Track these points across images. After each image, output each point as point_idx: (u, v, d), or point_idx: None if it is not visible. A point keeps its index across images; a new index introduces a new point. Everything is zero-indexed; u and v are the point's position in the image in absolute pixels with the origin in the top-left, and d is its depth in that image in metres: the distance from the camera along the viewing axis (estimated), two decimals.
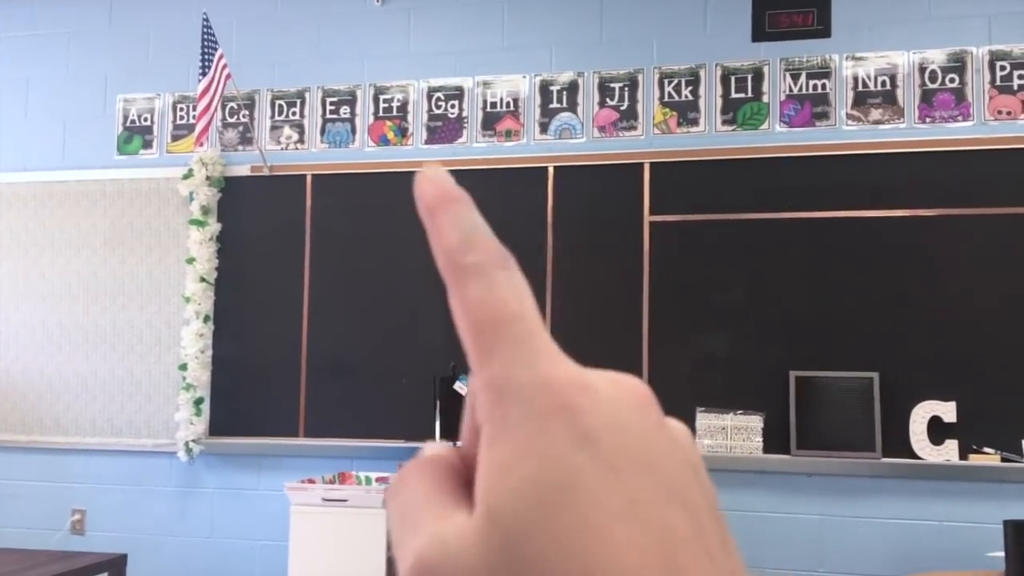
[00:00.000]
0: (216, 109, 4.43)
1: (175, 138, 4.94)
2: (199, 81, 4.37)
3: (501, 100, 4.61)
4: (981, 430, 3.94)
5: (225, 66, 4.45)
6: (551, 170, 4.48)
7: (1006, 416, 3.93)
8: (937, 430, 3.96)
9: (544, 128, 4.55)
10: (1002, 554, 2.30)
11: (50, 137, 5.08)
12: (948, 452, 3.94)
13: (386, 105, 4.73)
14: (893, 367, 4.03)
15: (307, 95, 4.82)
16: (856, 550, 4.04)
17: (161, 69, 4.99)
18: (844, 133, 4.24)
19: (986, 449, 3.92)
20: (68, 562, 3.69)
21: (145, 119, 4.99)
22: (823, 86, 4.28)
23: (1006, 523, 2.27)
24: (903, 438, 3.98)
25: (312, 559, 3.90)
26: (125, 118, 5.01)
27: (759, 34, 4.36)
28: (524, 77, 4.59)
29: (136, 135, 4.99)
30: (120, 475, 4.81)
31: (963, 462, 3.92)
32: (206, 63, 4.37)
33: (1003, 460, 3.89)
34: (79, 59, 5.10)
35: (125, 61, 5.04)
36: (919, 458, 3.95)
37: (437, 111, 4.67)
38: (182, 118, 4.95)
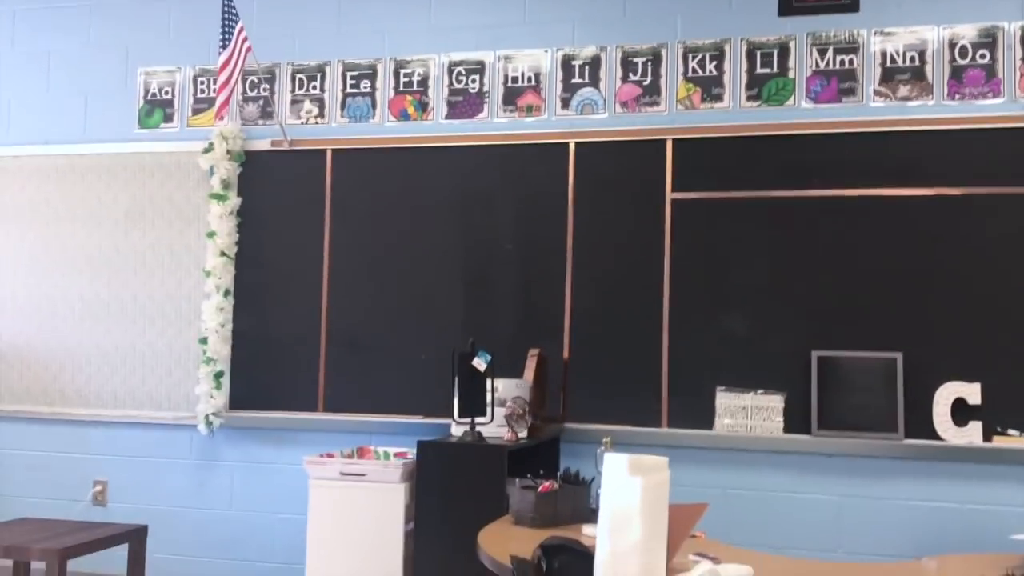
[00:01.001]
0: (236, 83, 4.41)
1: (196, 112, 4.94)
2: (219, 54, 4.35)
3: (522, 75, 4.56)
4: (1006, 412, 3.89)
5: (245, 39, 4.43)
6: (572, 146, 4.44)
7: None
8: (961, 412, 3.91)
9: (566, 103, 4.51)
10: None
11: (72, 110, 5.09)
12: (972, 434, 3.89)
13: (406, 79, 4.70)
14: (917, 348, 3.98)
15: (327, 69, 4.80)
16: (876, 532, 4.01)
17: (182, 42, 4.98)
18: (871, 110, 4.17)
19: (1011, 431, 3.87)
20: (89, 532, 3.73)
21: (166, 92, 4.98)
22: (850, 62, 4.21)
23: None
24: (926, 419, 3.93)
25: (330, 533, 3.91)
26: (146, 91, 5.01)
27: (785, 8, 4.29)
28: (546, 52, 4.55)
29: (157, 108, 4.99)
30: (141, 447, 4.85)
31: (987, 444, 3.87)
32: (226, 36, 4.35)
33: None
34: (100, 32, 5.10)
35: (146, 34, 5.03)
36: (942, 440, 3.91)
37: (458, 86, 4.63)
38: (203, 92, 4.94)
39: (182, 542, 4.75)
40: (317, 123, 4.79)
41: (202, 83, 4.94)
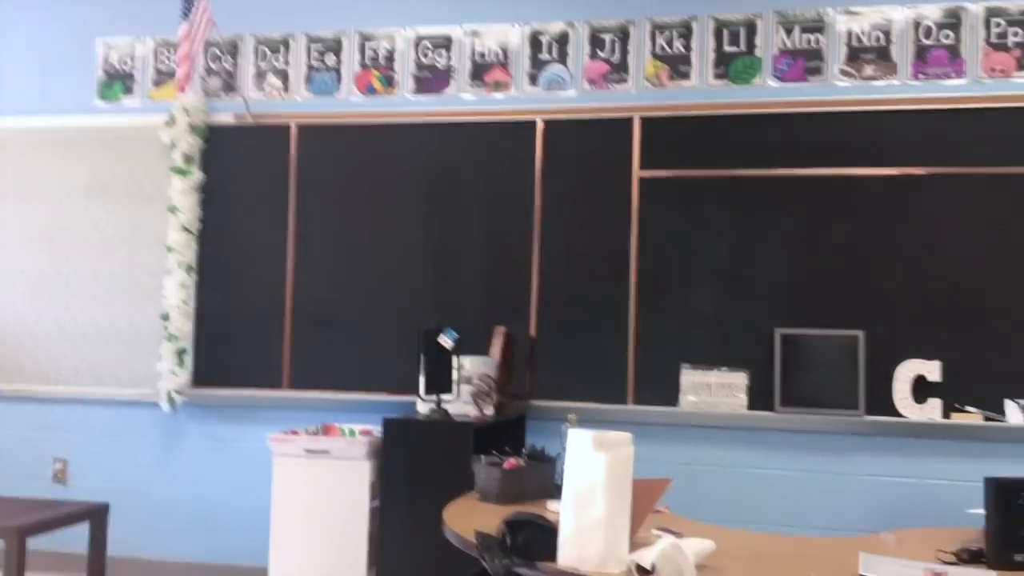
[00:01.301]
0: (198, 55, 4.34)
1: (157, 84, 4.85)
2: (180, 25, 4.27)
3: (490, 50, 4.53)
4: (965, 390, 3.95)
5: (207, 10, 4.35)
6: (540, 123, 4.42)
7: (990, 376, 3.93)
8: (921, 389, 3.97)
9: (534, 80, 4.48)
10: (982, 511, 2.30)
11: (29, 82, 4.98)
12: (931, 411, 3.95)
13: (372, 54, 4.65)
14: (879, 326, 4.03)
15: (291, 42, 4.73)
16: (838, 506, 4.07)
17: (143, 13, 4.88)
18: (837, 89, 4.19)
19: (969, 408, 3.94)
20: (49, 510, 3.68)
21: (126, 64, 4.89)
22: (817, 41, 4.22)
23: (987, 480, 2.27)
24: (887, 396, 3.99)
25: (295, 510, 3.90)
26: (106, 63, 4.91)
27: None
28: (514, 27, 4.51)
29: (117, 80, 4.89)
30: (102, 425, 4.79)
31: (946, 421, 3.94)
32: (188, 7, 4.27)
33: (986, 419, 3.91)
34: (58, 2, 4.98)
35: (106, 4, 4.93)
36: (902, 417, 3.96)
37: (424, 61, 4.59)
38: (164, 64, 4.85)
39: (145, 520, 4.70)
40: (281, 97, 4.72)
41: (163, 55, 4.85)
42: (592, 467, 2.10)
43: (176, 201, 4.65)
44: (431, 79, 4.58)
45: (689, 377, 4.17)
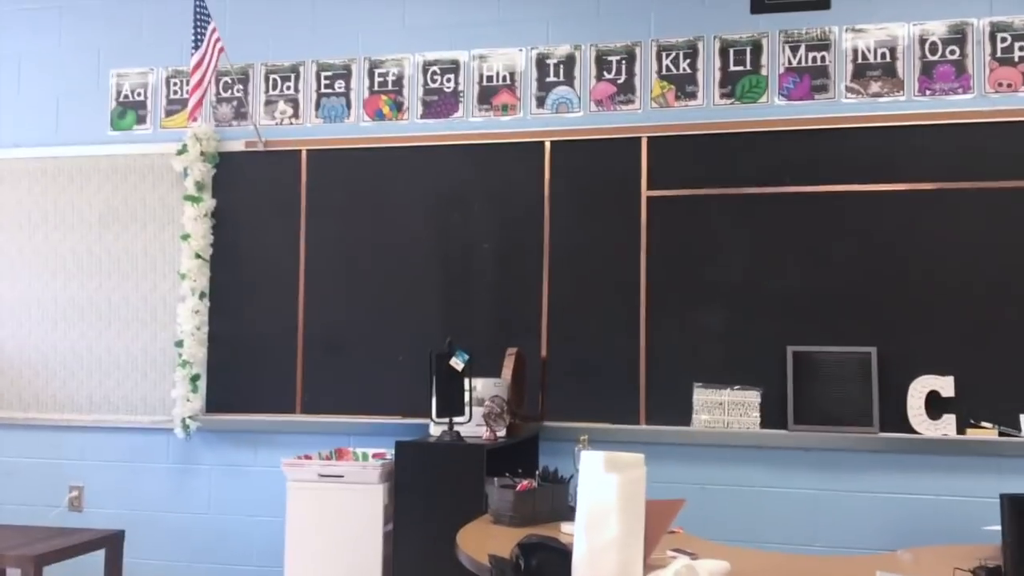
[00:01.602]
0: (210, 83, 4.39)
1: (169, 113, 4.90)
2: (192, 55, 4.32)
3: (497, 74, 4.56)
4: (979, 405, 3.93)
5: (218, 40, 4.40)
6: (548, 144, 4.44)
7: (1004, 391, 3.92)
8: (935, 405, 3.95)
9: (541, 102, 4.51)
10: (998, 528, 2.29)
11: (43, 113, 5.04)
12: (946, 427, 3.93)
13: (381, 79, 4.69)
14: (891, 342, 4.02)
15: (301, 69, 4.78)
16: (852, 525, 4.04)
17: (154, 43, 4.94)
18: (843, 106, 4.20)
19: (984, 424, 3.92)
20: (66, 538, 3.70)
21: (139, 94, 4.95)
22: (822, 58, 4.24)
23: (1003, 496, 2.25)
24: (901, 413, 3.97)
25: (309, 535, 3.90)
26: (119, 93, 4.97)
27: (758, 6, 4.31)
28: (520, 51, 4.55)
29: (130, 110, 4.95)
30: (117, 452, 4.81)
31: (960, 436, 3.92)
32: (199, 37, 4.33)
33: (1001, 435, 3.88)
34: (71, 33, 5.05)
35: (118, 35, 4.99)
36: (917, 433, 3.94)
37: (433, 85, 4.63)
38: (176, 93, 4.90)
39: (159, 547, 4.71)
40: (291, 124, 4.77)
41: (175, 84, 4.91)
42: (604, 488, 2.10)
43: (188, 228, 4.69)
44: (439, 103, 4.61)
45: (701, 396, 4.16)
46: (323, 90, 4.75)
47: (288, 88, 4.78)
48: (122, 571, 3.88)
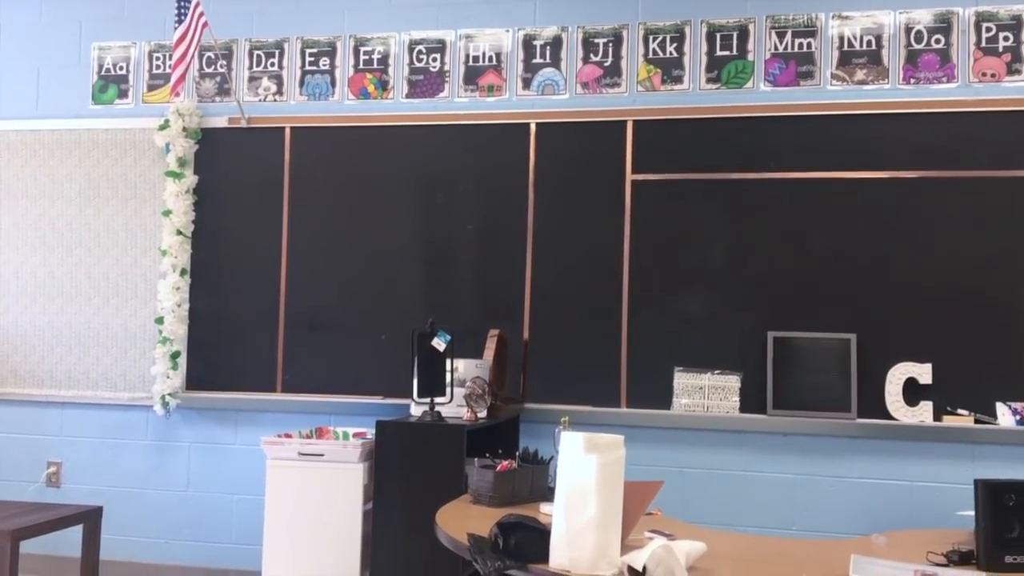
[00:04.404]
0: (192, 58, 4.34)
1: (151, 88, 4.85)
2: (175, 29, 4.28)
3: (483, 54, 4.54)
4: (956, 392, 3.97)
5: (202, 14, 4.36)
6: (533, 126, 4.43)
7: (981, 379, 3.95)
8: (913, 392, 3.99)
9: (527, 83, 4.50)
10: (972, 513, 2.32)
11: (24, 85, 4.98)
12: (923, 414, 3.97)
13: (367, 57, 4.66)
14: (871, 329, 4.05)
15: (286, 46, 4.74)
16: (829, 509, 4.08)
17: (137, 17, 4.89)
18: (828, 93, 4.21)
19: (960, 411, 3.95)
20: (43, 513, 3.68)
21: (121, 68, 4.89)
22: (808, 45, 4.24)
23: (977, 482, 2.28)
24: (879, 399, 4.00)
25: (288, 513, 3.90)
26: (100, 67, 4.92)
27: None
28: (507, 31, 4.53)
29: (111, 84, 4.90)
30: (96, 428, 4.79)
31: (937, 423, 3.95)
32: (182, 11, 4.28)
33: (977, 422, 3.93)
34: (53, 5, 4.99)
35: (100, 8, 4.93)
36: (894, 419, 3.98)
37: (418, 64, 4.60)
38: (158, 68, 4.86)
39: (138, 523, 4.70)
40: (275, 100, 4.73)
41: (157, 59, 4.86)
42: (584, 469, 2.11)
43: (170, 204, 4.66)
44: (425, 83, 4.59)
45: (682, 380, 4.18)
46: (307, 67, 4.71)
47: (272, 65, 4.74)
48: (100, 547, 3.87)
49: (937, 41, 4.13)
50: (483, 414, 3.80)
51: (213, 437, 4.67)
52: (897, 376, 3.99)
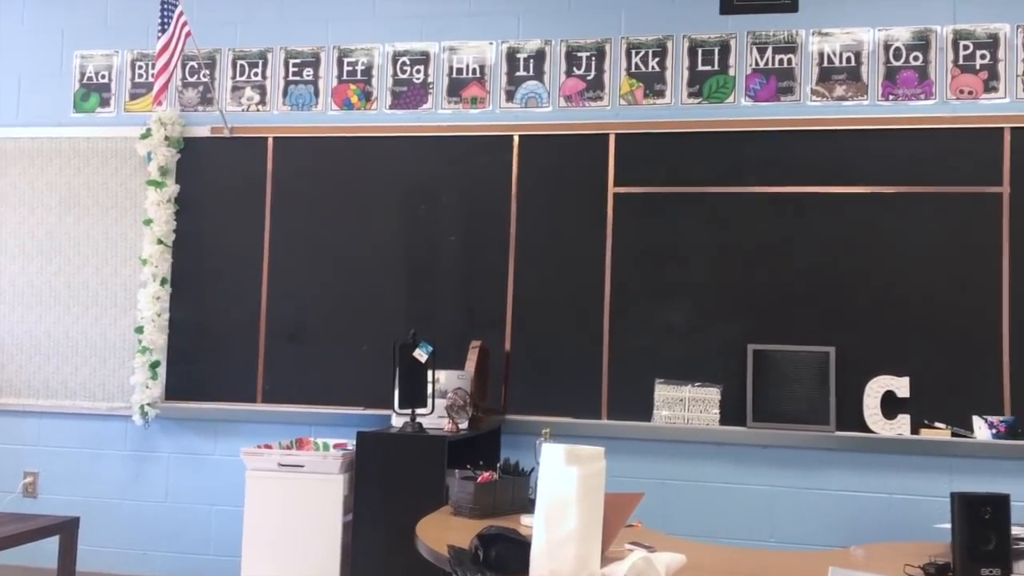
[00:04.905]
0: (175, 67, 4.34)
1: (133, 97, 4.84)
2: (158, 38, 4.27)
3: (467, 66, 4.56)
4: (933, 406, 4.00)
5: (185, 24, 4.35)
6: (516, 139, 4.45)
7: (958, 393, 3.99)
8: (890, 405, 4.02)
9: (510, 96, 4.52)
10: (949, 526, 2.34)
11: (5, 93, 4.95)
12: (900, 426, 4.00)
13: (350, 68, 4.66)
14: (849, 342, 4.08)
15: (269, 56, 4.74)
16: (807, 521, 4.11)
17: (120, 25, 4.88)
18: (808, 108, 4.25)
19: (937, 424, 3.99)
20: (19, 524, 3.64)
21: (103, 76, 4.88)
22: (789, 61, 4.29)
23: (953, 495, 2.30)
24: (857, 412, 4.03)
25: (267, 524, 3.88)
26: (82, 75, 4.90)
27: (727, 7, 4.35)
28: (491, 44, 4.55)
29: (93, 93, 4.88)
30: (74, 438, 4.75)
31: (914, 436, 3.99)
32: (165, 20, 4.27)
33: (953, 435, 3.96)
34: (35, 13, 4.97)
35: (83, 16, 4.92)
36: (872, 432, 4.01)
37: (402, 76, 4.61)
38: (141, 76, 4.84)
39: (116, 535, 4.66)
40: (258, 110, 4.73)
41: (140, 68, 4.85)
42: (564, 481, 2.12)
43: (151, 213, 4.64)
44: (408, 94, 4.60)
45: (662, 392, 4.20)
46: (291, 77, 4.71)
47: (256, 74, 4.74)
48: (76, 558, 3.83)
49: (915, 58, 4.19)
50: (464, 425, 3.80)
51: (192, 447, 4.65)
52: (875, 389, 4.03)
